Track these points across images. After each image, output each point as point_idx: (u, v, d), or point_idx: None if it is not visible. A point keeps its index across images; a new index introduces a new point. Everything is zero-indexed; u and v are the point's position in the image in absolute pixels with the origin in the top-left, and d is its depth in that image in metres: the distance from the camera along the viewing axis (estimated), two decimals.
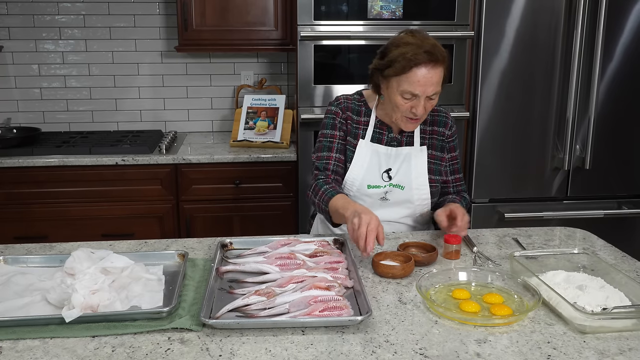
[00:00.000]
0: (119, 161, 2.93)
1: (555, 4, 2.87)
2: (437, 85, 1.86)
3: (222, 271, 1.59)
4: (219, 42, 3.18)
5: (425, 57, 1.80)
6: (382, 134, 2.04)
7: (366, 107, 2.06)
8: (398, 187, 2.00)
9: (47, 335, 1.29)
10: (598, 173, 3.05)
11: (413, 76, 1.82)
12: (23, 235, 2.88)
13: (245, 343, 1.27)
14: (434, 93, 1.86)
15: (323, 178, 1.99)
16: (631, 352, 1.24)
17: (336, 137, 2.03)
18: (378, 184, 2.00)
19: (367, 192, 2.00)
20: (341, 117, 2.04)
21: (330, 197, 1.87)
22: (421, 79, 1.82)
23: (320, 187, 1.94)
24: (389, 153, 2.01)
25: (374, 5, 2.86)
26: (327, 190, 1.90)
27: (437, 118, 2.08)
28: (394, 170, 2.00)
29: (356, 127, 2.04)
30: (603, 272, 1.56)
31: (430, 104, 1.89)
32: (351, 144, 2.03)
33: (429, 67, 1.81)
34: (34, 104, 3.48)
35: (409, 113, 1.88)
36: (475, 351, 1.24)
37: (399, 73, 1.83)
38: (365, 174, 2.00)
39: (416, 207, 2.02)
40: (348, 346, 1.26)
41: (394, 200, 2.01)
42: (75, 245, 1.80)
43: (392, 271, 1.59)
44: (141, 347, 1.26)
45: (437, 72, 1.84)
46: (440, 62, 1.84)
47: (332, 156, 2.02)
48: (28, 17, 3.35)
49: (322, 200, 1.90)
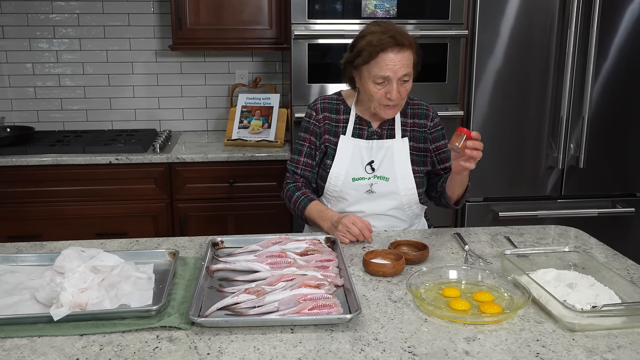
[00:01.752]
0: (113, 160, 2.92)
1: (549, 4, 2.87)
2: (407, 67, 1.90)
3: (213, 270, 1.59)
4: (213, 40, 3.17)
5: (391, 41, 1.88)
6: (362, 129, 2.06)
7: (345, 106, 2.10)
8: (383, 178, 2.02)
9: (35, 334, 1.29)
10: (592, 172, 3.06)
11: (381, 61, 1.88)
12: (17, 234, 2.88)
13: (234, 341, 1.27)
14: (405, 74, 1.90)
15: (292, 183, 2.09)
16: (620, 349, 1.24)
17: (306, 141, 2.09)
18: (362, 175, 2.02)
19: (352, 185, 2.02)
20: (315, 119, 2.09)
21: (304, 206, 1.99)
22: (389, 62, 1.88)
23: (292, 194, 2.05)
24: (370, 146, 2.04)
25: (368, 4, 2.86)
26: (300, 199, 2.01)
27: (417, 111, 2.10)
28: (376, 162, 2.03)
29: (335, 125, 2.07)
30: (594, 270, 1.56)
31: (404, 89, 1.93)
32: (331, 142, 2.06)
33: (396, 51, 1.88)
34: (28, 103, 3.47)
35: (385, 100, 1.93)
36: (464, 349, 1.24)
37: (368, 60, 1.90)
38: (349, 167, 2.02)
39: (402, 197, 2.03)
40: (337, 344, 1.26)
41: (380, 192, 2.02)
42: (66, 244, 1.79)
43: (382, 269, 1.59)
44: (129, 346, 1.25)
45: (405, 55, 1.89)
46: (407, 46, 1.90)
47: (301, 160, 2.10)
48: (22, 15, 3.34)
49: (297, 209, 2.02)
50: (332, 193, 2.05)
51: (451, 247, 1.83)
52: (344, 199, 2.04)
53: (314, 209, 1.97)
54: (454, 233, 1.93)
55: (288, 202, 2.07)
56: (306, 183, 2.11)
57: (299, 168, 2.10)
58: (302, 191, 2.04)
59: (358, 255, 1.73)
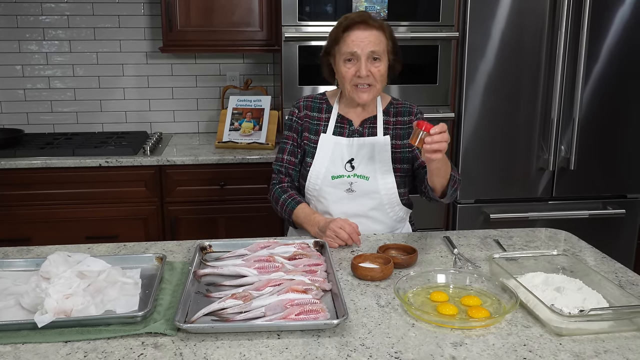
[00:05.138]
0: (103, 163, 2.91)
1: (539, 6, 2.87)
2: (375, 44, 1.91)
3: (200, 274, 1.58)
4: (204, 42, 3.16)
5: (357, 19, 1.93)
6: (343, 127, 2.07)
7: (327, 105, 2.11)
8: (362, 177, 2.01)
9: (19, 341, 1.28)
10: (583, 174, 3.06)
11: (347, 37, 1.92)
12: (6, 238, 2.86)
13: (220, 347, 1.26)
14: (372, 51, 1.91)
15: (278, 184, 2.09)
16: (607, 354, 1.24)
17: (290, 139, 2.11)
18: (341, 173, 2.01)
19: (331, 183, 2.01)
20: (296, 116, 2.11)
21: (292, 209, 1.99)
22: (355, 39, 1.91)
23: (279, 197, 2.05)
24: (350, 143, 2.03)
25: (358, 6, 2.86)
26: (287, 202, 2.01)
27: (400, 109, 2.10)
28: (356, 160, 2.02)
29: (316, 123, 2.08)
30: (582, 273, 1.56)
31: (375, 68, 1.93)
32: (311, 141, 2.07)
33: (362, 28, 1.91)
34: (17, 105, 3.45)
35: (356, 79, 1.94)
36: (450, 354, 1.24)
37: (336, 41, 1.95)
38: (328, 165, 2.02)
39: (383, 196, 2.01)
40: (323, 350, 1.25)
41: (360, 192, 2.01)
42: (53, 248, 1.78)
43: (370, 274, 1.58)
44: (114, 352, 1.24)
45: (372, 33, 1.92)
46: (375, 27, 1.92)
47: (284, 158, 2.11)
48: (11, 17, 3.32)
49: (285, 211, 2.02)
50: (312, 192, 2.04)
51: (440, 250, 1.82)
52: (323, 198, 2.03)
53: (301, 213, 1.97)
54: (443, 237, 1.92)
55: (275, 204, 2.07)
56: (291, 183, 2.11)
57: (282, 166, 2.10)
58: (289, 193, 2.04)
59: (346, 259, 1.72)
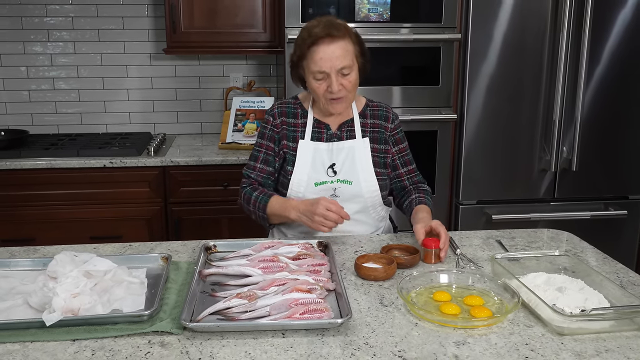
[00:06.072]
0: (107, 164, 2.93)
1: (541, 8, 2.89)
2: (343, 58, 1.83)
3: (205, 274, 1.60)
4: (207, 44, 3.18)
5: (321, 33, 1.82)
6: (321, 132, 2.01)
7: (302, 109, 2.04)
8: (346, 182, 1.97)
9: (28, 339, 1.29)
10: (585, 175, 3.07)
11: (315, 54, 1.83)
12: (11, 238, 2.88)
13: (225, 346, 1.28)
14: (343, 67, 1.83)
15: (248, 185, 2.01)
16: (608, 353, 1.25)
17: (263, 147, 2.03)
18: (324, 179, 1.97)
19: (315, 191, 1.96)
20: (272, 125, 2.02)
21: (265, 203, 1.92)
22: (323, 55, 1.82)
23: (250, 195, 1.97)
24: (330, 148, 1.99)
25: (361, 8, 2.87)
26: (259, 198, 1.94)
27: (377, 112, 2.06)
28: (338, 165, 1.98)
29: (293, 129, 2.01)
30: (584, 274, 1.57)
31: (346, 81, 1.86)
32: (290, 148, 2.00)
33: (327, 42, 1.82)
34: (22, 106, 3.47)
35: (328, 94, 1.88)
36: (453, 353, 1.25)
37: (303, 57, 1.87)
38: (310, 172, 1.97)
39: (367, 199, 1.99)
40: (327, 349, 1.27)
41: (344, 197, 1.97)
42: (59, 248, 1.80)
43: (374, 274, 1.60)
44: (121, 351, 1.26)
45: (339, 46, 1.83)
46: (339, 37, 1.83)
47: (257, 166, 2.02)
48: (16, 19, 3.35)
49: (258, 208, 1.94)
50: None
51: None
52: None
53: (275, 203, 1.91)
54: None
55: (247, 204, 1.99)
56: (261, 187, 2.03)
57: (253, 173, 2.02)
58: (260, 190, 1.97)
59: (350, 260, 1.74)
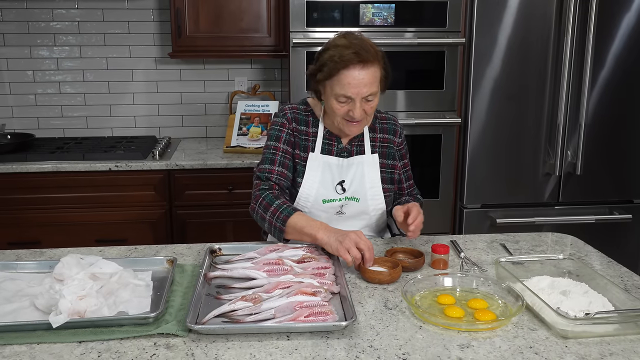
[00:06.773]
0: (113, 167, 2.94)
1: (546, 12, 2.89)
2: (371, 85, 1.79)
3: (210, 277, 1.61)
4: (212, 48, 3.20)
5: (354, 58, 1.75)
6: (331, 145, 1.96)
7: (313, 117, 1.98)
8: (353, 199, 1.93)
9: (34, 341, 1.30)
10: (589, 179, 3.07)
11: (343, 78, 1.77)
12: (16, 241, 2.89)
13: (231, 348, 1.28)
14: (370, 94, 1.79)
15: (268, 189, 1.87)
16: (612, 356, 1.25)
17: (279, 150, 1.93)
18: (333, 197, 1.92)
19: (322, 208, 1.92)
20: (288, 129, 1.95)
21: (288, 215, 1.77)
22: (352, 81, 1.76)
23: (270, 202, 1.82)
24: (340, 164, 1.94)
25: (366, 13, 2.89)
26: (282, 208, 1.79)
27: (385, 126, 2.02)
28: (347, 182, 1.93)
29: (305, 139, 1.95)
30: (588, 277, 1.57)
31: (369, 106, 1.82)
32: (301, 158, 1.94)
33: (359, 68, 1.76)
34: (28, 110, 3.49)
35: (347, 116, 1.83)
36: (457, 356, 1.25)
37: (329, 76, 1.79)
38: (319, 188, 1.91)
39: (372, 217, 1.98)
40: (332, 351, 1.27)
41: (350, 214, 1.94)
42: (65, 251, 1.81)
43: (379, 277, 1.61)
44: (127, 353, 1.27)
45: (369, 72, 1.77)
46: (371, 62, 1.78)
47: (275, 169, 1.91)
48: (23, 23, 3.37)
49: (277, 218, 1.78)
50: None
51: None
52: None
53: (300, 219, 1.76)
54: (450, 240, 1.94)
55: (264, 210, 1.82)
56: (282, 192, 1.91)
57: (272, 177, 1.90)
58: (282, 200, 1.83)
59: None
